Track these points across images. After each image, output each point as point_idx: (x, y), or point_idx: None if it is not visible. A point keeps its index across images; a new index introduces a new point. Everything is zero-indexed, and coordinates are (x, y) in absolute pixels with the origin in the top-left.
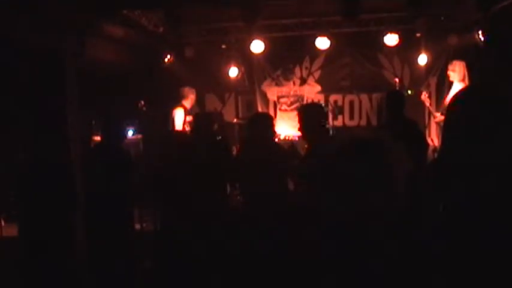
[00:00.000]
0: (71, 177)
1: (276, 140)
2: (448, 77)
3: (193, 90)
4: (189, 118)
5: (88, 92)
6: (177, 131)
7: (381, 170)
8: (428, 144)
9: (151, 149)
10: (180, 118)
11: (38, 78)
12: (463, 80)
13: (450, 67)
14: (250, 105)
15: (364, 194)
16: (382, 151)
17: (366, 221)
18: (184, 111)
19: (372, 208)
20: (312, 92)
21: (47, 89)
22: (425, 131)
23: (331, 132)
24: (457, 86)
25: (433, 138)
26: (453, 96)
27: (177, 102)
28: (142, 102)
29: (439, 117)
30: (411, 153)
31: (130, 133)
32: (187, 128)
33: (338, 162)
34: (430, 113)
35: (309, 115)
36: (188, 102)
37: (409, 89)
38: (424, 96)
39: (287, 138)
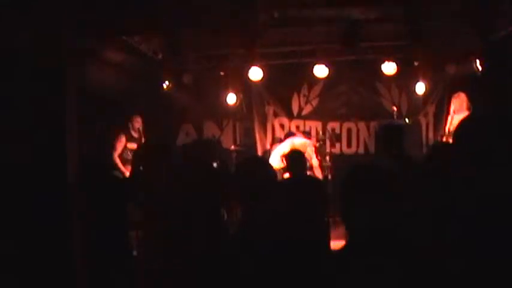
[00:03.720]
0: (67, 198)
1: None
2: (445, 105)
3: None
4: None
5: (85, 115)
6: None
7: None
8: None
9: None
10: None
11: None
12: (466, 110)
13: (454, 98)
14: (248, 132)
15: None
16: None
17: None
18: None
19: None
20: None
21: (46, 109)
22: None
23: None
24: (459, 116)
25: None
26: (458, 126)
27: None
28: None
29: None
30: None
31: None
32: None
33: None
34: (427, 142)
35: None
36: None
37: (407, 118)
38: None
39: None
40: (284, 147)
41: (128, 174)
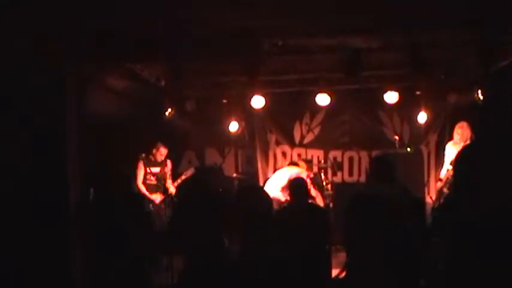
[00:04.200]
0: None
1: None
2: (448, 135)
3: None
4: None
5: (88, 142)
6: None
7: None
8: None
9: None
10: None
11: (37, 126)
12: (468, 140)
13: (456, 129)
14: (250, 160)
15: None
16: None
17: None
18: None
19: None
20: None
21: (47, 137)
22: (424, 188)
23: None
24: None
25: (432, 196)
26: (460, 151)
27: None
28: (143, 155)
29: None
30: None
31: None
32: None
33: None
34: (429, 171)
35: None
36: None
37: (409, 147)
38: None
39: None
40: (281, 177)
41: (156, 200)
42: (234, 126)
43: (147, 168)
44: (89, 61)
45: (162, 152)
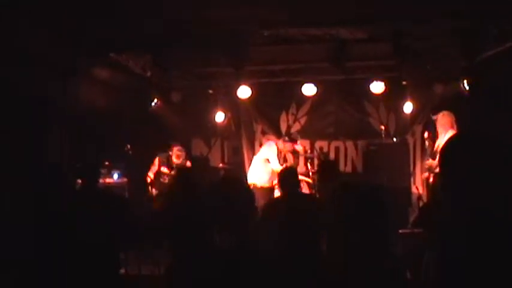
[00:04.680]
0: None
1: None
2: (433, 125)
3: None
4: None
5: (73, 134)
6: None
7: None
8: None
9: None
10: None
11: (20, 122)
12: (450, 129)
13: (438, 117)
14: (237, 150)
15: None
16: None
17: None
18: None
19: None
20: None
21: (30, 132)
22: (410, 179)
23: None
24: (444, 136)
25: (418, 186)
26: (445, 145)
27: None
28: (129, 146)
29: (430, 162)
30: None
31: (116, 176)
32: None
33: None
34: (415, 161)
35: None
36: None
37: (395, 137)
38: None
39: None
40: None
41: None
42: (220, 117)
43: (161, 167)
44: (74, 51)
45: (178, 155)
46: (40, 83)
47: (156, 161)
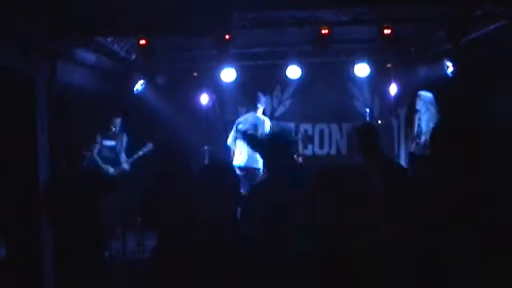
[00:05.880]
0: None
1: None
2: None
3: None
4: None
5: (58, 117)
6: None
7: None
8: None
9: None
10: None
11: (7, 103)
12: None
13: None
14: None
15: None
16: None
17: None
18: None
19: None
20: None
21: (17, 114)
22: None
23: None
24: (424, 117)
25: None
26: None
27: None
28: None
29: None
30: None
31: None
32: None
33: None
34: (399, 144)
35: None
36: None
37: (379, 119)
38: None
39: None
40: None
41: (110, 170)
42: (204, 99)
43: (102, 141)
44: (58, 35)
45: (114, 123)
46: (26, 65)
47: (98, 137)
